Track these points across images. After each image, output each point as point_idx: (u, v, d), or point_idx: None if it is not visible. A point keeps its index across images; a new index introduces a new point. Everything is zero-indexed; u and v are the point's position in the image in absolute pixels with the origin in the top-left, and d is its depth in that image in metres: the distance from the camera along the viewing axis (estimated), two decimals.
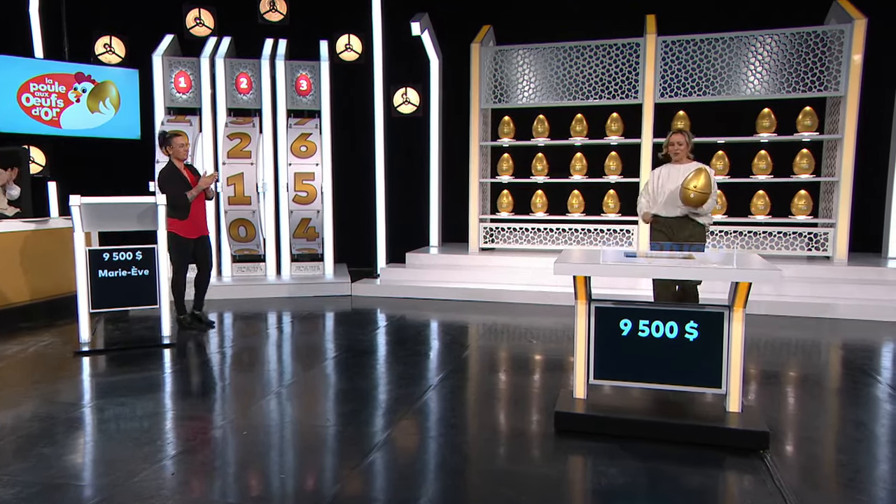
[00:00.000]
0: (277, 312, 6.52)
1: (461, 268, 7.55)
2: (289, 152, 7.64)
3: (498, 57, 7.68)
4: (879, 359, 4.91)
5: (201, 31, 7.85)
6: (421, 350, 5.06)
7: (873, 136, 7.18)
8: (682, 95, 7.07)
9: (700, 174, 4.47)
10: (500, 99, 7.75)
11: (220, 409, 3.73)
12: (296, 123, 7.74)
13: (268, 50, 7.80)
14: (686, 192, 4.48)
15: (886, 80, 7.11)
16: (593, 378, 3.38)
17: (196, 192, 5.38)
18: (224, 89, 7.66)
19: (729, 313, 3.14)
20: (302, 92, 7.81)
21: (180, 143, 5.41)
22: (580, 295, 3.33)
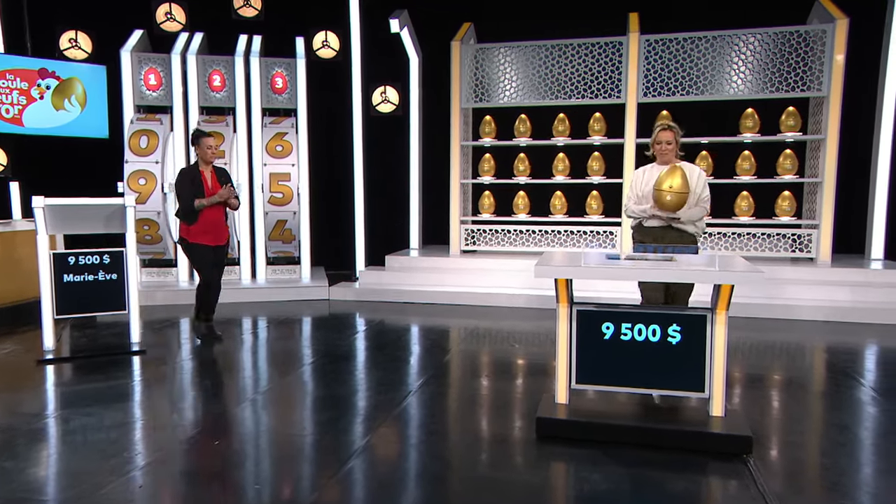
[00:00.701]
0: (252, 317, 6.47)
1: (442, 270, 7.57)
2: (264, 152, 7.60)
3: (479, 55, 7.71)
4: (862, 361, 5.01)
5: (172, 26, 7.77)
6: (401, 355, 5.05)
7: (856, 137, 7.33)
8: (666, 95, 7.16)
9: (675, 172, 3.96)
10: (482, 98, 7.78)
11: (192, 418, 3.69)
12: (271, 122, 7.70)
13: (242, 46, 7.75)
14: (660, 194, 3.98)
15: (868, 80, 7.26)
16: (575, 383, 3.40)
17: (207, 203, 5.12)
18: (196, 87, 7.59)
19: (712, 316, 3.18)
20: (277, 90, 7.77)
21: (208, 145, 5.16)
22: (562, 298, 3.35)
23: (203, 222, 5.16)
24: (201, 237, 5.19)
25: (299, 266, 7.91)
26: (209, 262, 5.26)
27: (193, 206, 5.10)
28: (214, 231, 5.24)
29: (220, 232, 5.28)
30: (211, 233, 5.22)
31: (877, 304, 6.19)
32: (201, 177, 5.18)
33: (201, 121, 7.54)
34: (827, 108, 6.84)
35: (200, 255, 5.24)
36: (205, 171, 5.22)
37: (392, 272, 7.67)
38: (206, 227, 5.18)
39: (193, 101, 7.59)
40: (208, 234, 5.21)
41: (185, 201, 5.12)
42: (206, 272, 5.29)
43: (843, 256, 7.27)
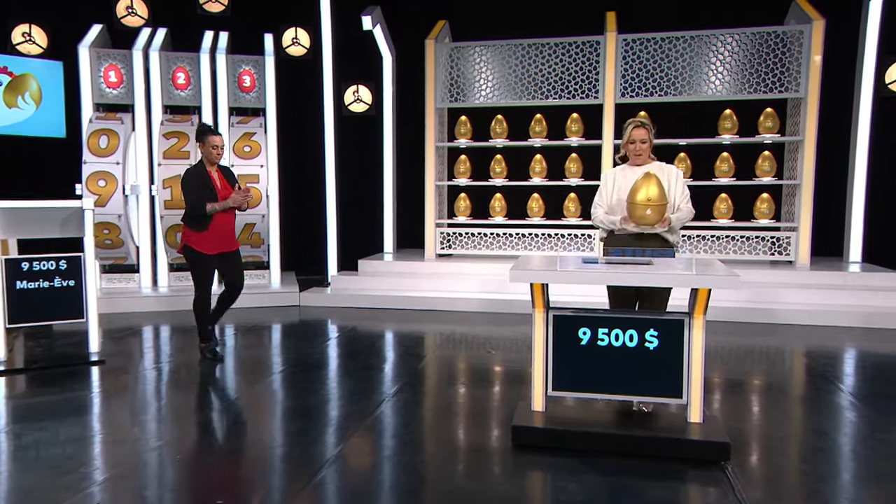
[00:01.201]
0: (219, 325, 6.38)
1: (417, 275, 7.56)
2: (231, 153, 7.53)
3: (454, 54, 7.73)
4: (841, 366, 5.11)
5: (134, 21, 7.66)
6: (374, 363, 5.04)
7: (834, 138, 7.50)
8: (644, 95, 7.25)
9: (650, 180, 3.60)
10: (457, 98, 7.80)
11: (154, 431, 3.63)
12: (238, 122, 7.64)
13: (208, 43, 7.67)
14: (636, 207, 3.59)
15: (846, 81, 7.43)
16: (552, 389, 3.42)
17: (221, 207, 4.75)
18: (159, 85, 7.49)
19: (689, 321, 3.22)
20: (245, 88, 7.70)
21: (214, 144, 4.77)
22: (537, 303, 3.37)
23: (212, 228, 4.78)
24: (209, 245, 4.80)
25: (268, 271, 7.85)
26: (211, 277, 4.91)
27: (206, 211, 4.70)
28: (224, 237, 4.86)
29: (230, 238, 4.92)
30: (220, 239, 4.83)
31: (855, 308, 6.33)
32: (210, 178, 4.80)
33: (165, 120, 7.44)
34: (805, 109, 6.99)
35: (206, 268, 4.85)
36: (212, 172, 4.84)
37: (365, 277, 7.65)
38: (216, 234, 4.80)
39: (156, 100, 7.49)
40: (217, 241, 4.82)
41: (195, 206, 4.71)
42: (207, 289, 4.88)
43: (821, 259, 7.42)
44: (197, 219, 4.75)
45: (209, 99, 7.60)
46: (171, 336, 6.04)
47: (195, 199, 4.72)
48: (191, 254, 4.82)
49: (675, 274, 3.16)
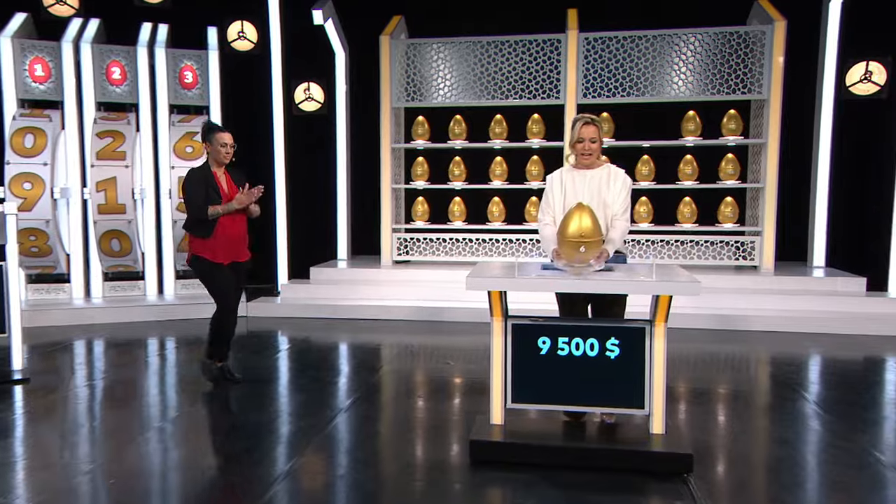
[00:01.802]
0: (159, 338, 6.28)
1: (373, 283, 7.53)
2: (171, 154, 7.41)
3: (410, 51, 7.75)
4: (805, 373, 5.28)
5: (63, 10, 7.45)
6: (326, 376, 5.01)
7: (797, 141, 7.75)
8: (606, 96, 7.38)
9: (582, 211, 3.33)
10: (414, 97, 7.82)
11: (85, 454, 3.53)
12: (180, 121, 7.51)
13: (145, 36, 7.51)
14: (569, 244, 3.31)
15: (808, 83, 7.69)
16: (511, 402, 3.44)
17: (224, 210, 4.45)
18: (92, 80, 7.30)
19: (650, 328, 3.29)
20: (187, 85, 7.58)
21: (223, 142, 4.50)
22: (495, 311, 3.39)
23: (222, 235, 4.48)
24: (220, 253, 4.50)
25: None
26: (231, 286, 4.59)
27: (208, 215, 4.43)
28: (234, 245, 4.58)
29: (240, 246, 4.64)
30: (230, 247, 4.55)
31: (819, 314, 6.55)
32: (215, 179, 4.53)
33: (98, 118, 7.26)
34: (767, 111, 7.22)
35: (222, 278, 4.54)
36: (218, 173, 4.56)
37: (318, 285, 7.59)
38: (224, 241, 4.50)
39: (89, 96, 7.30)
40: (227, 249, 4.53)
41: (196, 209, 4.45)
42: (229, 299, 4.59)
43: (786, 264, 7.66)
44: (199, 224, 4.47)
45: (147, 96, 7.45)
46: (105, 350, 5.88)
47: (196, 200, 4.44)
48: (201, 264, 4.52)
49: (637, 281, 3.23)
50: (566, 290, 3.47)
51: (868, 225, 7.72)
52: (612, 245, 3.57)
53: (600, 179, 3.71)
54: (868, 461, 3.41)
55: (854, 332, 6.30)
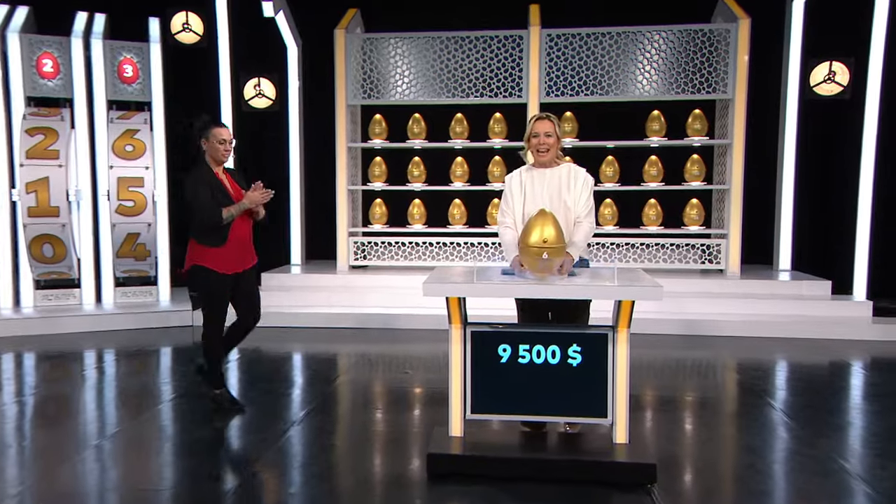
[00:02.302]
0: (97, 350, 6.15)
1: (328, 289, 7.50)
2: (110, 152, 7.28)
3: (366, 46, 7.74)
4: (772, 379, 5.42)
5: None
6: (278, 388, 4.97)
7: (763, 142, 7.96)
8: (569, 95, 7.48)
9: (545, 219, 3.34)
10: (371, 94, 7.80)
11: (13, 477, 3.43)
12: (119, 117, 7.38)
13: (80, 26, 7.34)
14: (529, 252, 3.32)
15: (773, 82, 7.92)
16: (470, 412, 3.46)
17: (237, 212, 4.21)
18: (21, 73, 7.10)
19: (613, 334, 3.34)
20: (127, 79, 7.43)
21: (221, 139, 4.26)
22: (454, 318, 3.41)
23: (233, 241, 4.23)
24: (227, 262, 4.22)
25: (156, 287, 7.60)
26: (227, 303, 4.33)
27: (222, 220, 4.14)
28: (242, 252, 4.32)
29: (248, 251, 4.39)
30: (238, 255, 4.29)
31: (784, 318, 6.73)
32: (218, 180, 4.27)
33: (28, 113, 7.07)
34: (732, 111, 7.40)
35: (222, 291, 4.26)
36: (218, 173, 4.32)
37: (270, 292, 7.51)
38: (234, 248, 4.24)
39: (17, 90, 7.10)
40: (235, 256, 4.26)
41: (209, 213, 4.14)
42: (222, 319, 4.32)
43: (752, 267, 7.85)
44: (212, 230, 4.16)
45: (83, 90, 7.28)
46: (37, 364, 5.73)
47: (207, 204, 4.12)
48: (203, 275, 4.20)
49: (598, 285, 3.28)
50: (526, 296, 3.49)
51: (833, 227, 7.95)
52: (576, 249, 3.59)
53: (560, 178, 3.71)
54: (833, 468, 3.51)
55: (820, 335, 6.49)
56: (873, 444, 3.91)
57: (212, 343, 4.36)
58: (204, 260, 4.21)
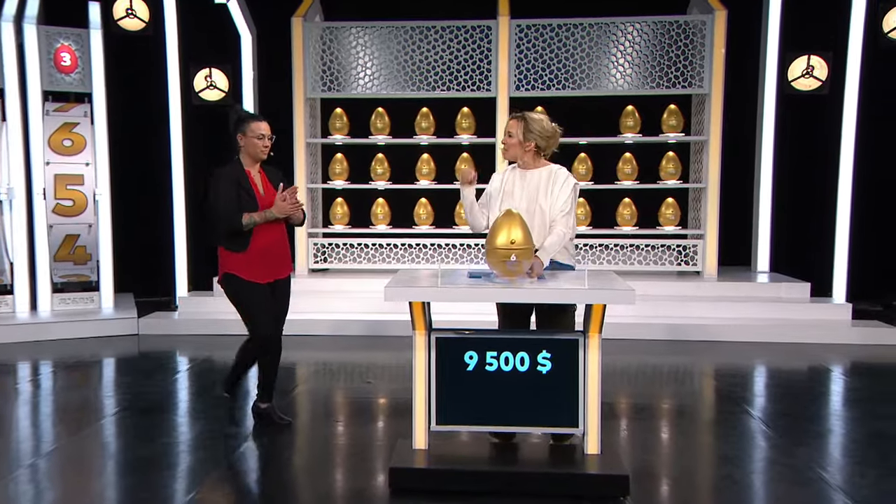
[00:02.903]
0: (32, 361, 6.04)
1: None
2: (46, 147, 7.15)
3: (326, 35, 7.70)
4: (749, 385, 5.51)
5: None
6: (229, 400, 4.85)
7: (740, 138, 8.09)
8: (540, 89, 7.52)
9: (512, 220, 3.39)
10: (331, 87, 7.76)
11: None
12: (56, 110, 7.26)
13: (11, 9, 7.15)
14: (496, 254, 3.35)
15: (750, 77, 8.05)
16: (435, 424, 3.46)
17: (261, 219, 4.02)
18: None
19: (584, 340, 3.36)
20: (64, 68, 7.29)
21: (259, 133, 4.13)
22: (418, 324, 3.40)
23: (258, 249, 4.07)
24: (257, 270, 4.08)
25: (98, 293, 7.47)
26: (269, 306, 4.16)
27: (242, 226, 4.01)
28: (275, 260, 4.17)
29: (282, 260, 4.23)
30: (270, 263, 4.14)
31: (763, 322, 6.84)
32: (249, 180, 4.14)
33: None
34: (709, 106, 7.50)
35: (258, 299, 4.11)
36: (252, 172, 4.17)
37: (222, 297, 7.33)
38: (262, 255, 4.09)
39: None
40: (266, 265, 4.12)
41: (227, 218, 4.01)
42: (266, 325, 4.16)
43: (730, 269, 7.97)
44: (231, 236, 4.04)
45: (15, 79, 7.09)
46: None
47: (227, 206, 4.01)
48: (235, 284, 4.10)
49: (566, 289, 3.29)
50: (492, 300, 3.51)
51: (812, 227, 8.12)
52: (546, 253, 3.59)
53: (538, 181, 3.77)
54: (811, 477, 3.57)
55: (798, 339, 6.60)
56: (853, 452, 4.00)
57: (260, 352, 4.25)
58: (233, 267, 4.10)
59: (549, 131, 3.81)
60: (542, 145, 3.80)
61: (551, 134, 3.82)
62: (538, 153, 3.83)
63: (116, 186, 7.52)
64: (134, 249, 8.18)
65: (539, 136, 3.78)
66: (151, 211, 8.24)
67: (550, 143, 3.84)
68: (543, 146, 3.81)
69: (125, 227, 7.90)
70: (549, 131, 3.80)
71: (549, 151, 3.87)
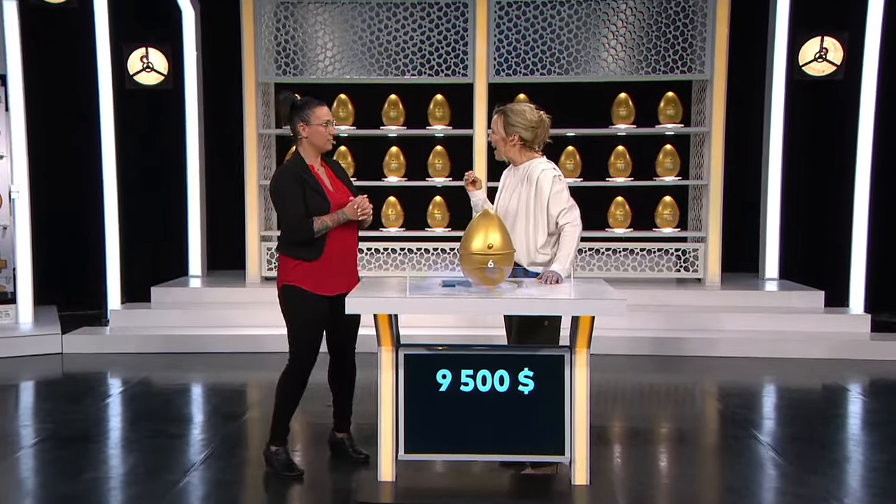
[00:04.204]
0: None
1: (236, 305, 7.44)
2: None
3: (280, 12, 7.66)
4: (757, 406, 5.56)
5: None
6: (170, 428, 4.88)
7: (745, 129, 8.15)
8: (523, 74, 7.54)
9: (489, 222, 3.45)
10: (287, 70, 7.73)
11: None
12: None
13: None
14: (471, 260, 3.38)
15: (757, 61, 8.10)
16: (403, 452, 3.45)
17: (334, 222, 3.89)
18: None
19: (570, 356, 3.37)
20: None
21: (322, 120, 3.99)
22: (383, 339, 3.40)
23: (333, 256, 3.94)
24: (327, 282, 3.93)
25: (14, 306, 7.39)
26: (321, 335, 4.05)
27: (314, 231, 3.87)
28: (345, 269, 4.02)
29: (351, 270, 4.08)
30: (340, 272, 3.98)
31: (772, 334, 6.90)
32: (315, 177, 4.00)
33: None
34: (710, 93, 7.57)
35: (317, 319, 3.98)
36: (315, 167, 4.02)
37: (162, 310, 7.44)
38: (334, 263, 3.95)
39: None
40: (336, 274, 3.96)
41: (296, 225, 3.91)
42: (309, 363, 4.06)
43: (734, 276, 8.04)
44: (302, 241, 3.92)
45: None
46: None
47: (295, 212, 3.89)
48: (295, 297, 3.96)
49: (549, 299, 3.30)
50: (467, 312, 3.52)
51: (826, 229, 8.21)
52: (560, 264, 3.66)
53: (522, 179, 3.87)
54: None
55: (811, 355, 6.65)
56: (871, 482, 4.04)
57: (292, 387, 4.11)
58: (294, 277, 3.95)
59: (534, 121, 3.85)
60: (528, 137, 3.85)
61: (536, 123, 3.85)
62: (526, 147, 3.89)
63: (36, 183, 7.44)
64: (57, 255, 8.13)
65: (523, 128, 3.83)
66: (78, 211, 8.16)
67: (539, 134, 3.88)
68: (530, 138, 3.86)
69: (47, 230, 7.83)
70: (533, 121, 3.84)
71: (539, 143, 3.92)
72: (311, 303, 3.93)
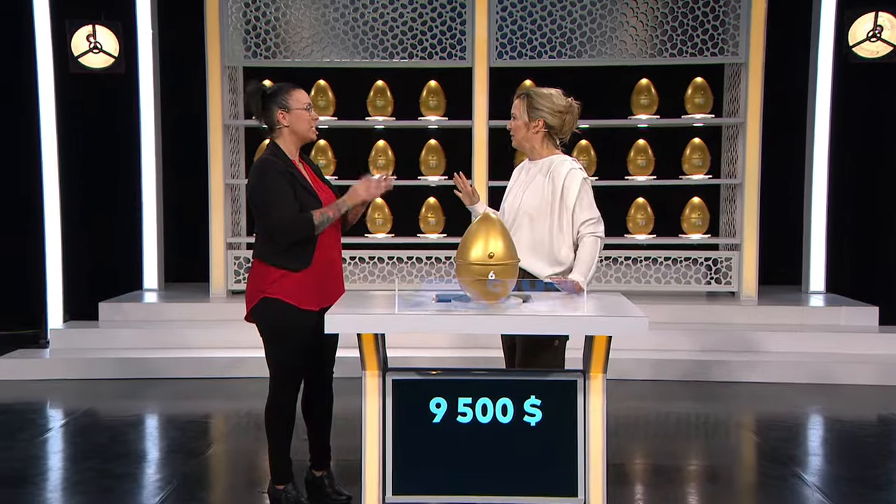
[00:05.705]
0: None
1: (198, 323, 7.45)
2: None
3: None
4: (801, 441, 5.56)
5: None
6: (119, 467, 4.85)
7: (785, 120, 8.17)
8: (529, 57, 7.56)
9: (490, 229, 3.43)
10: (257, 52, 7.74)
11: None
12: None
13: None
14: (468, 271, 3.37)
15: (799, 41, 8.09)
16: (392, 493, 3.43)
17: (334, 215, 3.90)
18: None
19: (584, 381, 3.37)
20: None
21: (305, 102, 3.99)
22: (369, 362, 3.39)
23: (317, 266, 3.91)
24: (311, 294, 3.91)
25: None
26: (305, 352, 4.01)
27: (314, 228, 3.86)
28: (332, 279, 4.03)
29: (337, 279, 4.09)
30: (324, 283, 3.96)
31: (817, 357, 6.89)
32: (299, 173, 3.98)
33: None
34: (746, 79, 7.59)
35: (301, 338, 3.94)
36: (296, 161, 4.01)
37: (112, 329, 7.44)
38: (321, 273, 3.93)
39: None
40: (323, 285, 3.95)
41: (293, 222, 3.85)
42: (298, 381, 4.08)
43: (773, 289, 8.05)
44: (290, 248, 3.87)
45: None
46: None
47: (289, 208, 3.84)
48: (278, 312, 3.90)
49: (561, 316, 3.30)
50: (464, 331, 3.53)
51: (880, 234, 8.23)
52: (580, 274, 3.74)
53: (540, 176, 3.91)
54: None
55: (863, 381, 6.64)
56: None
57: (280, 417, 4.08)
58: (277, 290, 3.89)
59: (562, 106, 3.91)
60: (554, 124, 3.92)
61: (565, 109, 3.92)
62: (549, 136, 3.96)
63: None
64: None
65: (549, 113, 3.90)
66: (14, 217, 8.19)
67: (567, 122, 3.95)
68: (557, 125, 3.93)
69: None
70: (561, 106, 3.91)
71: (566, 133, 4.00)
72: (296, 320, 3.89)
